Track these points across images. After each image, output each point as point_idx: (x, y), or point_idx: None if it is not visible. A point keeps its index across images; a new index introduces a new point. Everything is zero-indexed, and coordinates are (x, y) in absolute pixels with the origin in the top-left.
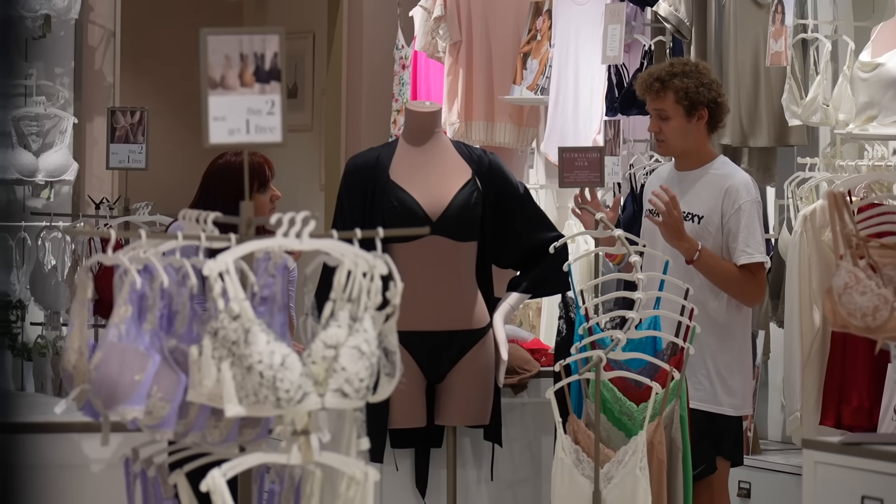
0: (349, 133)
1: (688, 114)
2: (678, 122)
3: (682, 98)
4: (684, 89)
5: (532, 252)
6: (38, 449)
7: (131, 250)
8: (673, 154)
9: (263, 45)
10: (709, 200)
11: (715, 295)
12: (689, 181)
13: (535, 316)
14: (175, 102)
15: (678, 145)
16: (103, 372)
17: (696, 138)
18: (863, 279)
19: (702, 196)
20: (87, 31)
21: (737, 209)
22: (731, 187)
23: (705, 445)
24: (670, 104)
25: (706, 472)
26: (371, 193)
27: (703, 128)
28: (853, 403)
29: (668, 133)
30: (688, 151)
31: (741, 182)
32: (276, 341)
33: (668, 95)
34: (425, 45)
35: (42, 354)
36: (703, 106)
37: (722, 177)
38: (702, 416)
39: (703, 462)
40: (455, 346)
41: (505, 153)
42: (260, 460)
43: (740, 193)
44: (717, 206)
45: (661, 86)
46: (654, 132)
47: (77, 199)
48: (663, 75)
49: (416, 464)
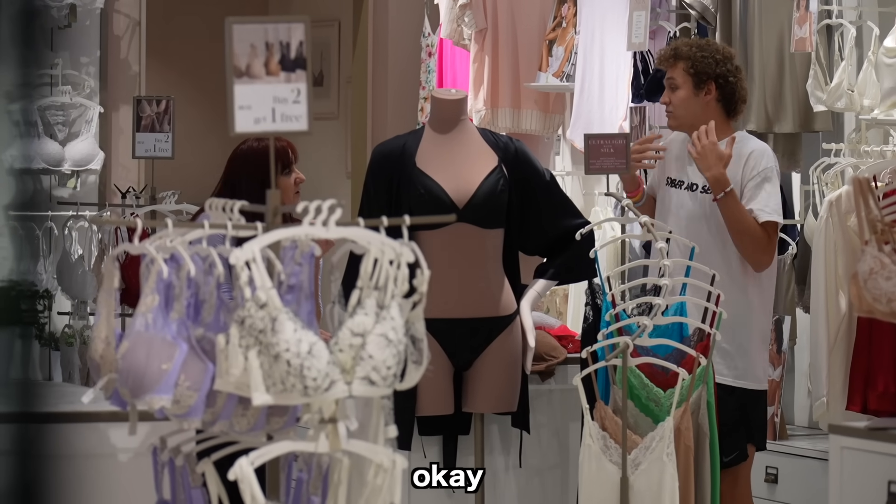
0: (375, 121)
1: (696, 85)
2: (686, 92)
3: (690, 67)
4: (692, 59)
5: (558, 239)
6: (65, 438)
7: (158, 239)
8: (681, 129)
9: (289, 33)
10: (729, 171)
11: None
12: None
13: (561, 302)
14: (201, 91)
15: (684, 117)
16: (130, 361)
17: (706, 116)
18: (888, 264)
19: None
20: (113, 20)
21: (757, 173)
22: (751, 154)
23: (740, 433)
24: (679, 73)
25: (738, 459)
26: (397, 181)
27: (715, 106)
28: (879, 388)
29: (676, 103)
30: (696, 125)
31: (760, 150)
32: (303, 329)
33: (679, 64)
34: (451, 33)
35: (69, 344)
36: (710, 79)
37: (740, 147)
38: (735, 402)
39: (735, 449)
40: (482, 334)
41: (531, 140)
42: (287, 448)
43: (759, 160)
44: (737, 176)
45: (674, 54)
46: (664, 103)
47: (103, 188)
48: (679, 45)
49: (444, 451)
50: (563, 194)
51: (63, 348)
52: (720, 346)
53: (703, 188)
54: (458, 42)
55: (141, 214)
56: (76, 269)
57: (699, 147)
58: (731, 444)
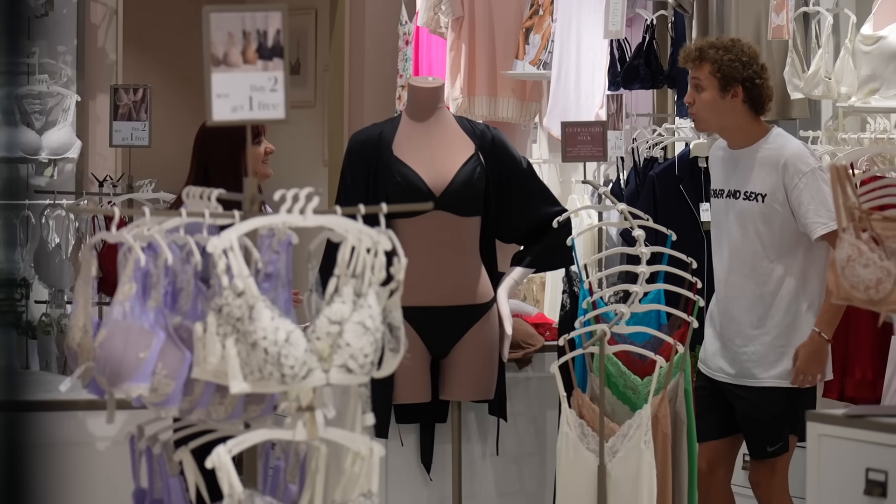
0: (352, 109)
1: (722, 88)
2: (711, 94)
3: (717, 70)
4: (719, 61)
5: (535, 227)
6: (43, 427)
7: (135, 228)
8: (708, 130)
9: (266, 21)
10: (769, 178)
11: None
12: (745, 160)
13: (538, 290)
14: (178, 80)
15: (709, 120)
16: (108, 349)
17: (733, 118)
18: (865, 252)
19: (761, 174)
20: (90, 8)
21: (797, 182)
22: (787, 161)
23: (782, 424)
24: (705, 75)
25: (781, 450)
26: (374, 169)
27: (742, 107)
28: (857, 376)
29: (699, 106)
30: (728, 129)
31: (796, 153)
32: (281, 317)
33: (705, 66)
34: (428, 21)
35: (46, 332)
36: (737, 83)
37: (776, 151)
38: (784, 394)
39: (779, 441)
40: (459, 322)
41: (508, 128)
42: (265, 437)
43: (798, 166)
44: (778, 182)
45: (700, 55)
46: (688, 103)
47: (80, 176)
48: (704, 45)
49: (422, 439)
50: (541, 182)
51: (40, 337)
52: (774, 345)
53: (745, 195)
54: (434, 30)
55: (118, 203)
56: (53, 257)
57: (805, 380)
58: (775, 434)
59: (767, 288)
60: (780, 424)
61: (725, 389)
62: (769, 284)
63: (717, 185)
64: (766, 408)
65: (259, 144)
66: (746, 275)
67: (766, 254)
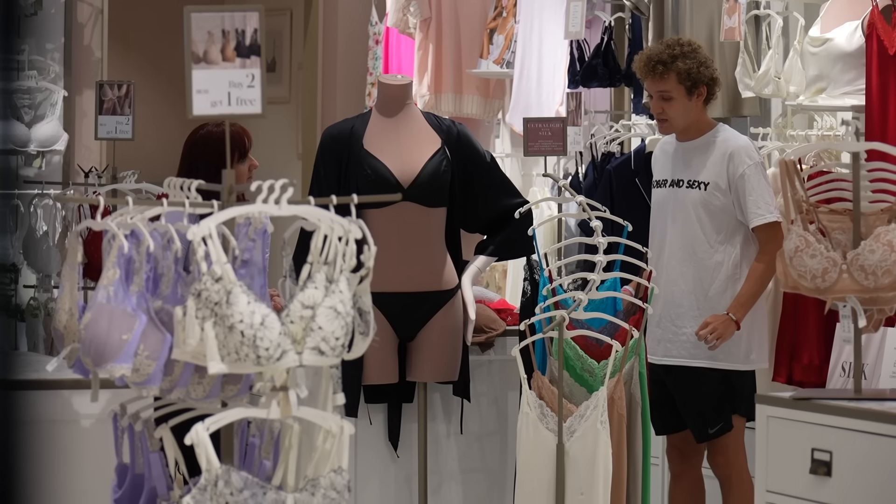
0: (325, 105)
1: (689, 93)
2: (681, 101)
3: (685, 79)
4: (686, 70)
5: (498, 217)
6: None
7: (119, 216)
8: (675, 130)
9: (244, 21)
10: (713, 167)
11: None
12: (692, 151)
13: (501, 278)
14: (160, 76)
15: (681, 123)
16: (92, 332)
17: (694, 114)
18: (813, 243)
19: (706, 164)
20: (77, 8)
21: (741, 174)
22: (733, 152)
23: (722, 405)
24: (673, 85)
25: (723, 430)
26: (346, 162)
27: (701, 102)
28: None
29: (672, 112)
30: (689, 126)
31: (742, 146)
32: (257, 302)
33: (671, 77)
34: (397, 22)
35: (34, 315)
36: (703, 84)
37: (723, 142)
38: (718, 376)
39: (718, 422)
40: (425, 307)
41: (472, 124)
42: (241, 415)
43: (743, 157)
44: (721, 172)
45: (665, 68)
46: (656, 113)
47: (67, 168)
48: (665, 58)
49: (389, 418)
50: (503, 175)
51: (28, 319)
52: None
53: (689, 183)
54: (403, 31)
55: (103, 193)
56: (41, 244)
57: (715, 342)
58: (713, 415)
59: (706, 273)
60: (718, 405)
61: (667, 380)
62: (708, 269)
63: (660, 175)
64: (701, 390)
65: (244, 162)
66: (685, 259)
67: (706, 239)
